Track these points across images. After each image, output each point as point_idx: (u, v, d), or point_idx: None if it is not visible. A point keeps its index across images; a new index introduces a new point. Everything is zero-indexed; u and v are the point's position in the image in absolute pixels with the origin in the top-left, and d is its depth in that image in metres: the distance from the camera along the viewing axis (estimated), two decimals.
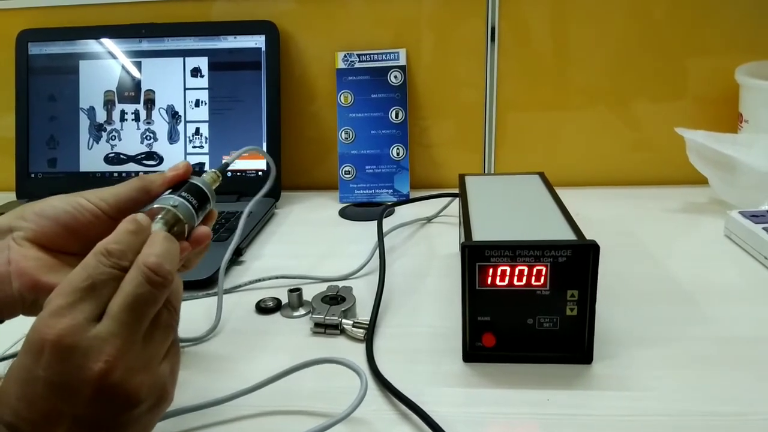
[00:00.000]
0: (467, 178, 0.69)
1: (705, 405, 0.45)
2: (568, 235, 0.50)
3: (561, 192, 0.62)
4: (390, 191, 0.95)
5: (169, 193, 0.43)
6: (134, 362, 0.32)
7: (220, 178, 0.46)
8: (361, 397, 0.44)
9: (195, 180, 0.44)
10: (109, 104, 0.96)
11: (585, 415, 0.44)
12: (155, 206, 0.41)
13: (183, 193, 0.42)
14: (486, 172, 1.00)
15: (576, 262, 0.47)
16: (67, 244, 0.42)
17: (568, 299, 0.48)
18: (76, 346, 0.31)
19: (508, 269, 0.48)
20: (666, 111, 0.96)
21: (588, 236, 0.49)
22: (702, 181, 0.86)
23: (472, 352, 0.51)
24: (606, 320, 0.56)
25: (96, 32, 0.95)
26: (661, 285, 0.64)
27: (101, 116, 0.96)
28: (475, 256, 0.48)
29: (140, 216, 0.37)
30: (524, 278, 0.48)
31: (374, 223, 0.79)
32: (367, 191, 0.96)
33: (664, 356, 0.51)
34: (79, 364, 0.31)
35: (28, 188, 0.97)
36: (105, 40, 0.95)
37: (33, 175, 0.97)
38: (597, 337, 0.49)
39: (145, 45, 0.95)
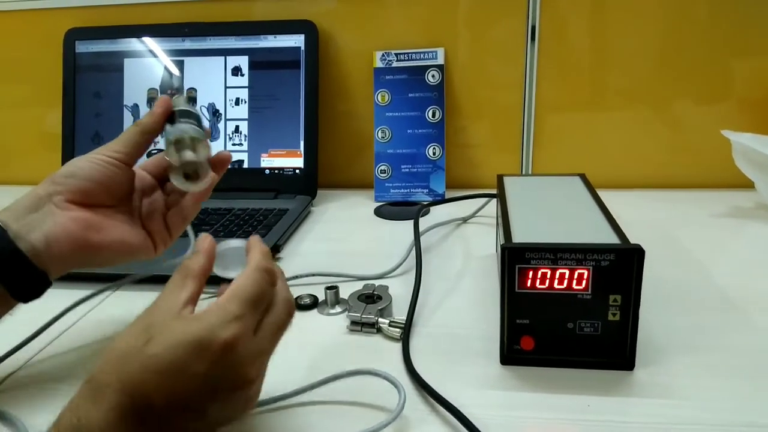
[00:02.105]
0: (506, 179, 0.68)
1: (748, 416, 0.44)
2: (612, 239, 0.49)
3: (600, 194, 0.61)
4: (425, 191, 0.95)
5: (172, 126, 0.49)
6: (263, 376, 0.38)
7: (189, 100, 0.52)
8: (398, 411, 0.44)
9: (180, 106, 0.50)
10: (152, 102, 0.98)
11: (626, 423, 0.44)
12: (173, 138, 0.48)
13: (183, 120, 0.49)
14: (523, 173, 0.99)
15: (620, 267, 0.46)
16: (100, 197, 0.48)
17: (610, 304, 0.47)
18: (242, 353, 0.34)
19: (549, 272, 0.48)
20: (710, 112, 0.93)
21: (630, 240, 0.48)
22: (748, 185, 0.83)
23: (510, 355, 0.50)
24: (648, 326, 0.55)
25: (140, 31, 0.97)
26: (706, 292, 0.62)
27: (144, 113, 0.98)
28: (516, 258, 0.48)
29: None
30: (565, 282, 0.48)
31: (409, 222, 0.79)
32: (402, 190, 0.96)
33: (707, 365, 0.50)
34: (239, 370, 0.34)
35: None
36: (149, 39, 0.97)
37: None
38: (638, 343, 0.48)
39: (188, 44, 0.97)
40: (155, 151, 0.59)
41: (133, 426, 0.33)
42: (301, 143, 0.94)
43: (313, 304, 0.62)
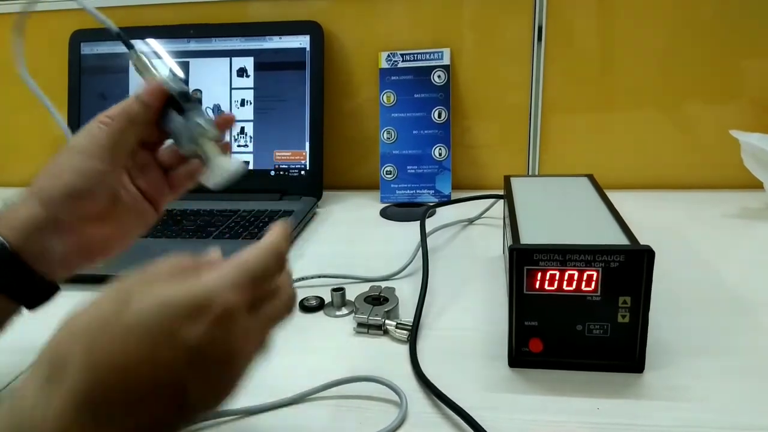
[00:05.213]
0: (513, 180, 0.68)
1: (760, 418, 0.43)
2: (621, 240, 0.48)
3: (608, 195, 0.61)
4: (431, 192, 0.95)
5: (185, 119, 0.45)
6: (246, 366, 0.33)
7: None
8: (401, 420, 0.44)
9: (175, 87, 0.46)
10: None
11: (636, 425, 0.43)
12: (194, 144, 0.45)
13: (190, 106, 0.46)
14: (530, 173, 0.99)
15: (629, 268, 0.46)
16: (92, 206, 0.44)
17: (619, 306, 0.47)
18: (237, 322, 0.31)
19: (558, 273, 0.47)
20: (719, 113, 0.92)
21: (639, 241, 0.48)
22: (757, 185, 0.83)
23: (519, 358, 0.50)
24: (658, 328, 0.54)
25: (145, 32, 0.97)
26: (716, 293, 0.62)
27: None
28: (524, 259, 0.47)
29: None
30: (574, 283, 0.47)
31: (415, 223, 0.79)
32: (408, 191, 0.95)
33: (718, 367, 0.49)
34: (231, 343, 0.30)
35: None
36: (154, 41, 0.97)
37: None
38: (648, 345, 0.48)
39: (193, 45, 0.97)
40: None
41: (92, 419, 0.27)
42: (307, 144, 0.94)
43: (320, 306, 0.62)
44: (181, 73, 0.96)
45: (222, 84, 0.96)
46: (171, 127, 0.46)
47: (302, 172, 0.94)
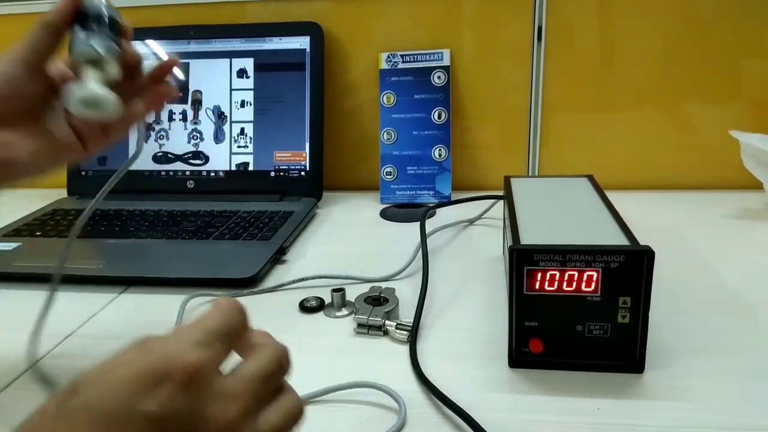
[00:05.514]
0: (513, 180, 0.68)
1: (760, 419, 0.43)
2: (621, 240, 0.48)
3: (608, 195, 0.61)
4: (431, 192, 0.95)
5: (83, 32, 0.45)
6: None
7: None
8: (400, 425, 0.44)
9: (90, 4, 0.46)
10: None
11: (636, 426, 0.43)
12: (77, 59, 0.44)
13: (94, 29, 0.45)
14: (530, 174, 0.99)
15: (629, 268, 0.46)
16: (10, 106, 0.45)
17: (620, 306, 0.47)
18: (209, 385, 0.27)
19: (558, 274, 0.47)
20: (719, 113, 0.93)
21: (639, 241, 0.48)
22: (757, 186, 0.83)
23: (519, 358, 0.50)
24: (657, 328, 0.54)
25: (146, 33, 0.97)
26: (716, 293, 0.62)
27: (150, 116, 0.98)
28: (524, 259, 0.47)
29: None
30: (574, 284, 0.47)
31: (415, 224, 0.79)
32: (408, 192, 0.95)
33: (718, 367, 0.49)
34: (206, 405, 0.27)
35: (79, 185, 0.99)
36: (154, 42, 0.97)
37: (84, 173, 1.00)
38: (648, 345, 0.48)
39: (193, 46, 0.97)
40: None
41: None
42: (307, 145, 0.94)
43: (320, 306, 0.62)
44: (181, 75, 0.96)
45: (222, 85, 0.96)
46: (71, 39, 0.46)
47: (302, 173, 0.94)
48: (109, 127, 0.49)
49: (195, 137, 0.97)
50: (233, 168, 0.95)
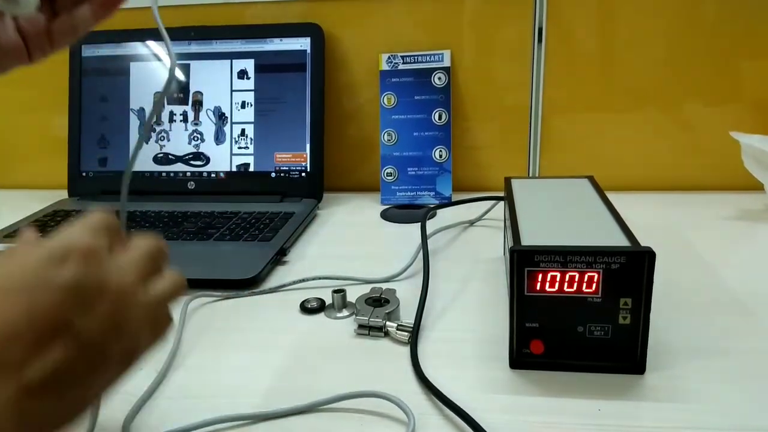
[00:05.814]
0: (513, 181, 0.68)
1: (761, 419, 0.43)
2: (622, 241, 0.48)
3: (609, 196, 0.61)
4: (432, 193, 0.95)
5: None
6: (141, 300, 0.32)
7: None
8: None
9: None
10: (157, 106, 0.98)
11: (637, 427, 0.43)
12: None
13: None
14: (530, 175, 0.99)
15: (630, 270, 0.46)
16: None
17: (620, 307, 0.47)
18: (105, 260, 0.31)
19: (559, 275, 0.47)
20: (719, 114, 0.93)
21: (640, 243, 0.48)
22: (758, 187, 0.83)
23: (520, 359, 0.50)
24: (658, 330, 0.54)
25: (146, 35, 0.98)
26: (716, 295, 0.62)
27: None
28: (525, 261, 0.47)
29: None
30: (575, 285, 0.47)
31: (416, 225, 0.79)
32: (408, 193, 0.95)
33: (719, 368, 0.49)
34: (107, 273, 0.30)
35: (80, 186, 1.00)
36: (155, 43, 0.97)
37: (84, 174, 1.00)
38: (649, 346, 0.48)
39: (194, 47, 0.97)
40: None
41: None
42: (307, 146, 0.94)
43: (320, 307, 0.62)
44: (182, 76, 0.96)
45: (223, 86, 0.96)
46: None
47: (303, 174, 0.94)
48: (54, 33, 0.48)
49: (196, 138, 0.97)
50: (234, 169, 0.96)
